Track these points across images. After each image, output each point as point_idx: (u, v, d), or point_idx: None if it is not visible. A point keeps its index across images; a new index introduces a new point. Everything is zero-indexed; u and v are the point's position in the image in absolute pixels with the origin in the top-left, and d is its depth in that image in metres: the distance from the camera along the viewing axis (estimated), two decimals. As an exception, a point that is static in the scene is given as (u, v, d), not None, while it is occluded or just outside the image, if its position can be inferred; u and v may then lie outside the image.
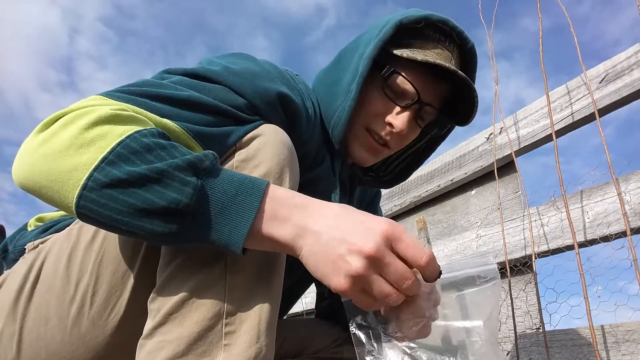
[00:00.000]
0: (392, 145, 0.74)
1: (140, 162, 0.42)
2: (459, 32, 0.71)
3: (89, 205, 0.42)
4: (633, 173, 1.05)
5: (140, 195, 0.42)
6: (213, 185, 0.44)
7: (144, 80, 0.55)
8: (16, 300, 0.55)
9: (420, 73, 0.70)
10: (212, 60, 0.60)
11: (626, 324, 0.98)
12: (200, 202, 0.43)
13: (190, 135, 0.51)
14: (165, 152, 0.44)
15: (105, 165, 0.42)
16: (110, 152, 0.42)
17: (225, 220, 0.43)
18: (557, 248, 1.15)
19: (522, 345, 1.17)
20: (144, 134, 0.44)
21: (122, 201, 0.42)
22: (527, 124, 1.36)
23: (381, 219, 0.46)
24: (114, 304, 0.53)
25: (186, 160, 0.43)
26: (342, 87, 0.71)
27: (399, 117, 0.70)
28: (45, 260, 0.57)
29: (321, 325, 0.93)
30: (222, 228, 0.43)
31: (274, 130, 0.56)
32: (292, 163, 0.55)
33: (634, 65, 1.10)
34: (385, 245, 0.44)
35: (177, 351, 0.43)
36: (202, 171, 0.44)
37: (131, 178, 0.41)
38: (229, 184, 0.44)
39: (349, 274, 0.43)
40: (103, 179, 0.41)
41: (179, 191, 0.42)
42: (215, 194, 0.43)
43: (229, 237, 0.43)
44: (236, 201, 0.44)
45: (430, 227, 1.67)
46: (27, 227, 0.67)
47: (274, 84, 0.60)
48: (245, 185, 0.45)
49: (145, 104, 0.51)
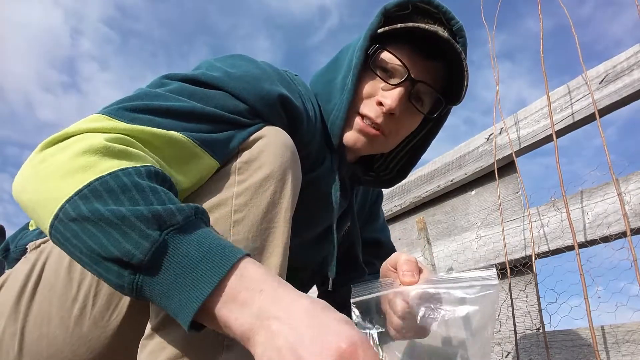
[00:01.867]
0: (386, 129, 0.70)
1: (112, 202, 0.40)
2: (444, 11, 0.70)
3: (57, 236, 0.41)
4: (633, 173, 1.05)
5: (98, 239, 0.39)
6: (177, 244, 0.39)
7: (144, 91, 0.54)
8: (18, 299, 0.55)
9: (408, 50, 0.69)
10: (212, 65, 0.60)
11: (626, 324, 0.98)
12: (156, 261, 0.39)
13: (197, 143, 0.51)
14: (141, 196, 0.41)
15: (78, 199, 0.40)
16: (87, 186, 0.40)
17: (179, 289, 0.38)
18: (557, 248, 1.15)
19: (522, 345, 1.17)
20: (127, 173, 0.42)
21: (82, 240, 0.40)
22: (528, 124, 1.36)
23: (348, 334, 0.37)
24: (116, 305, 0.53)
25: (153, 210, 0.40)
26: (338, 83, 0.71)
27: (389, 94, 0.68)
28: (47, 260, 0.57)
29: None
30: (173, 297, 0.39)
31: (276, 132, 0.56)
32: (294, 165, 0.55)
33: (634, 65, 1.10)
34: None
35: (178, 351, 0.43)
36: (170, 227, 0.40)
37: (93, 217, 0.39)
38: (197, 247, 0.39)
39: None
40: (71, 212, 0.40)
41: (135, 244, 0.38)
42: (177, 255, 0.39)
43: (178, 310, 0.38)
44: (197, 269, 0.39)
45: (430, 227, 1.67)
46: (29, 226, 0.67)
47: (275, 86, 0.60)
48: (213, 253, 0.39)
49: (148, 120, 0.50)
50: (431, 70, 0.71)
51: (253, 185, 0.51)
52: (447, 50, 0.69)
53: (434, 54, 0.70)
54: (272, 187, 0.52)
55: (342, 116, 0.69)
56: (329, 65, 0.78)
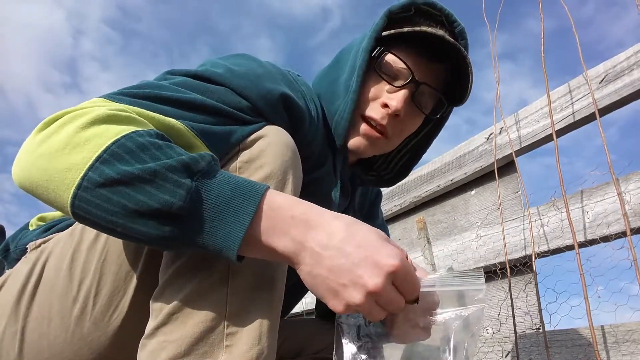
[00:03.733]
0: (390, 131, 0.71)
1: (135, 161, 0.41)
2: (447, 14, 0.71)
3: (83, 205, 0.41)
4: (633, 173, 1.05)
5: (133, 197, 0.41)
6: (208, 187, 0.42)
7: (146, 82, 0.55)
8: (18, 299, 0.55)
9: (413, 52, 0.70)
10: (215, 62, 0.60)
11: (626, 324, 0.98)
12: (194, 205, 0.41)
13: (195, 133, 0.51)
14: (161, 152, 0.43)
15: (100, 164, 0.41)
16: (105, 150, 0.41)
17: (219, 224, 0.42)
18: (557, 248, 1.15)
19: (522, 345, 1.17)
20: (140, 134, 0.43)
21: (115, 202, 0.41)
22: (528, 123, 1.36)
23: (390, 250, 0.44)
24: (117, 305, 0.53)
25: (181, 161, 0.42)
26: (341, 84, 0.71)
27: (394, 96, 0.69)
28: (47, 260, 0.56)
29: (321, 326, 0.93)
30: (216, 232, 0.42)
31: (277, 131, 0.56)
32: (295, 165, 0.55)
33: (633, 65, 1.10)
34: (390, 282, 0.44)
35: (179, 351, 0.43)
36: (197, 173, 0.43)
37: (124, 178, 0.40)
38: (225, 186, 0.43)
39: (349, 304, 0.43)
40: (97, 178, 0.41)
41: (172, 193, 0.41)
42: (210, 197, 0.42)
43: (223, 242, 0.42)
44: (232, 205, 0.42)
45: (430, 227, 1.67)
46: (29, 226, 0.67)
47: (277, 85, 0.60)
48: (241, 189, 0.43)
49: (147, 105, 0.50)
50: (434, 72, 0.72)
51: None
52: (450, 52, 0.69)
53: (436, 55, 0.71)
54: (273, 187, 0.52)
55: (347, 117, 0.69)
56: (331, 65, 0.78)
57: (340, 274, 0.43)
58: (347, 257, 0.43)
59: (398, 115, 0.69)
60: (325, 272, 0.43)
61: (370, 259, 0.43)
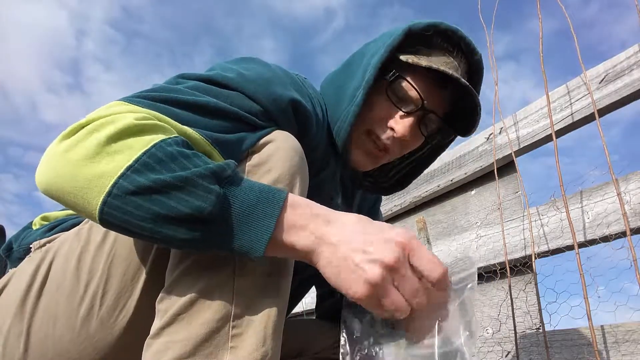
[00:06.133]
0: (392, 151, 0.73)
1: (165, 170, 0.43)
2: (467, 42, 0.71)
3: (112, 212, 0.43)
4: (633, 173, 1.05)
5: (165, 203, 0.42)
6: (235, 193, 0.45)
7: (160, 85, 0.55)
8: (24, 299, 0.55)
9: (426, 80, 0.70)
10: (226, 67, 0.60)
11: (626, 324, 0.99)
12: (223, 210, 0.44)
13: (209, 142, 0.52)
14: (188, 161, 0.45)
15: (131, 172, 0.42)
16: (137, 160, 0.43)
17: (247, 228, 0.44)
18: (557, 248, 1.15)
19: (522, 345, 1.17)
20: (168, 143, 0.45)
21: (146, 208, 0.42)
22: (527, 124, 1.37)
23: (399, 230, 0.47)
24: (123, 305, 0.53)
25: (209, 169, 0.44)
26: (348, 92, 0.71)
27: (402, 122, 0.69)
28: (54, 259, 0.57)
29: (322, 326, 0.93)
30: (243, 235, 0.44)
31: (285, 136, 0.56)
32: (302, 169, 0.55)
33: (633, 65, 1.11)
34: (404, 256, 0.46)
35: (184, 352, 0.43)
36: (225, 180, 0.45)
37: (156, 186, 0.42)
38: (250, 192, 0.45)
39: (367, 281, 0.44)
40: (128, 186, 0.42)
41: (203, 199, 0.43)
42: (237, 202, 0.44)
43: (250, 245, 0.44)
44: (257, 209, 0.45)
45: (430, 227, 1.67)
46: (32, 225, 0.67)
47: (287, 90, 0.61)
48: (265, 194, 0.46)
49: (165, 109, 0.51)
50: (443, 99, 0.72)
51: None
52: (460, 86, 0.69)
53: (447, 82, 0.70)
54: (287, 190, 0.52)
55: (347, 127, 0.69)
56: (342, 69, 0.78)
57: (354, 253, 0.45)
58: (359, 239, 0.46)
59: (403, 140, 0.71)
60: (341, 256, 0.45)
61: (382, 237, 0.46)
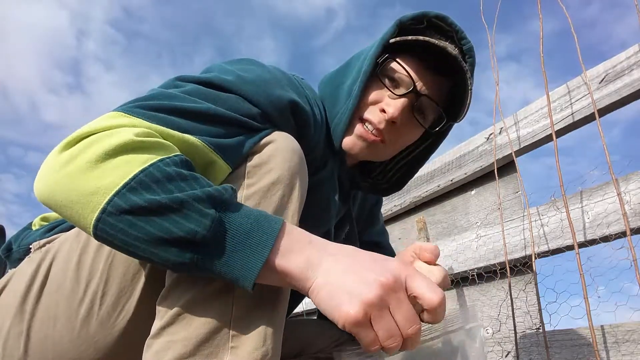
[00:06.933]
0: (386, 137, 0.71)
1: (161, 191, 0.42)
2: (457, 30, 0.72)
3: (106, 229, 0.42)
4: (633, 173, 1.05)
5: (158, 224, 0.42)
6: (230, 219, 0.44)
7: (158, 91, 0.55)
8: (23, 300, 0.55)
9: (418, 63, 0.70)
10: (224, 68, 0.60)
11: (626, 324, 0.99)
12: (216, 235, 0.43)
13: (211, 148, 0.52)
14: (186, 183, 0.44)
15: (127, 191, 0.42)
16: (133, 178, 0.42)
17: (239, 255, 0.43)
18: (557, 248, 1.15)
19: (522, 345, 1.17)
20: (167, 163, 0.45)
21: (139, 228, 0.42)
22: (528, 123, 1.36)
23: (394, 260, 0.47)
24: (123, 306, 0.53)
25: (206, 192, 0.44)
26: (345, 88, 0.72)
27: (392, 103, 0.69)
28: (53, 260, 0.57)
29: (322, 326, 0.93)
30: (234, 263, 0.43)
31: (285, 137, 0.56)
32: (302, 170, 0.56)
33: (633, 65, 1.10)
34: (401, 280, 0.45)
35: (184, 352, 0.43)
36: (221, 204, 0.44)
37: (151, 206, 0.42)
38: (246, 219, 0.44)
39: (362, 301, 0.42)
40: (123, 204, 0.41)
41: (197, 223, 0.42)
42: (232, 228, 0.43)
43: (240, 272, 0.43)
44: (252, 237, 0.44)
45: (430, 227, 1.67)
46: (32, 226, 0.67)
47: (285, 91, 0.61)
48: (261, 221, 0.45)
49: (164, 119, 0.50)
50: (437, 85, 0.72)
51: (261, 189, 0.52)
52: (454, 68, 0.70)
53: (442, 69, 0.71)
54: (280, 192, 0.52)
55: (345, 121, 0.69)
56: (340, 69, 0.79)
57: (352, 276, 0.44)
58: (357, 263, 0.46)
59: (395, 123, 0.70)
60: (338, 278, 0.44)
61: (378, 263, 0.46)
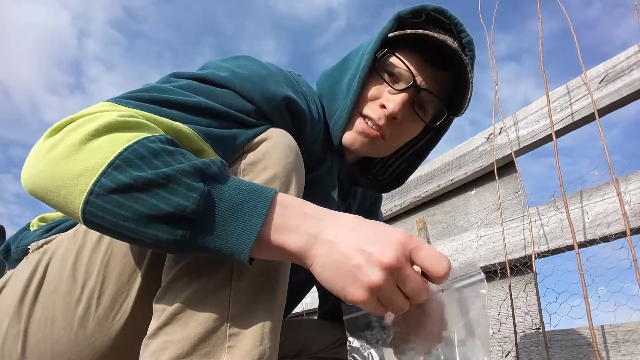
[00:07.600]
0: (386, 132, 0.71)
1: (147, 167, 0.41)
2: (456, 23, 0.71)
3: (94, 211, 0.41)
4: (633, 173, 1.05)
5: (146, 201, 0.41)
6: (220, 192, 0.43)
7: (151, 85, 0.55)
8: (21, 300, 0.55)
9: (417, 57, 0.70)
10: (219, 65, 0.60)
11: (626, 324, 0.98)
12: (207, 209, 0.42)
13: (202, 137, 0.51)
14: (172, 158, 0.43)
15: (112, 170, 0.41)
16: (117, 156, 0.41)
17: (231, 227, 0.42)
18: (557, 248, 1.15)
19: (522, 345, 1.17)
20: (152, 140, 0.44)
21: (127, 207, 0.41)
22: (527, 124, 1.36)
23: (397, 229, 0.45)
24: (120, 305, 0.53)
25: (193, 165, 0.43)
26: (344, 84, 0.71)
27: (392, 98, 0.69)
28: (50, 260, 0.56)
29: (322, 326, 0.93)
30: (228, 236, 0.42)
31: (281, 133, 0.56)
32: (298, 167, 0.55)
33: (633, 65, 1.10)
34: (404, 256, 0.44)
35: (181, 352, 0.43)
36: (209, 177, 0.43)
37: (137, 183, 0.41)
38: (237, 191, 0.43)
39: (368, 285, 0.42)
40: (109, 184, 0.41)
41: (185, 197, 0.41)
42: (222, 201, 0.42)
43: (235, 245, 0.42)
44: (243, 208, 0.42)
45: (430, 227, 1.67)
46: (30, 227, 0.67)
47: (281, 87, 0.60)
48: (253, 193, 0.44)
49: (154, 109, 0.50)
50: (437, 79, 0.71)
51: None
52: (454, 61, 0.69)
53: (441, 63, 0.70)
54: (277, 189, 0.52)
55: (345, 117, 0.69)
56: (338, 65, 0.78)
57: (353, 254, 0.43)
58: (357, 238, 0.44)
59: (395, 118, 0.69)
60: (339, 257, 0.43)
61: (380, 236, 0.44)
